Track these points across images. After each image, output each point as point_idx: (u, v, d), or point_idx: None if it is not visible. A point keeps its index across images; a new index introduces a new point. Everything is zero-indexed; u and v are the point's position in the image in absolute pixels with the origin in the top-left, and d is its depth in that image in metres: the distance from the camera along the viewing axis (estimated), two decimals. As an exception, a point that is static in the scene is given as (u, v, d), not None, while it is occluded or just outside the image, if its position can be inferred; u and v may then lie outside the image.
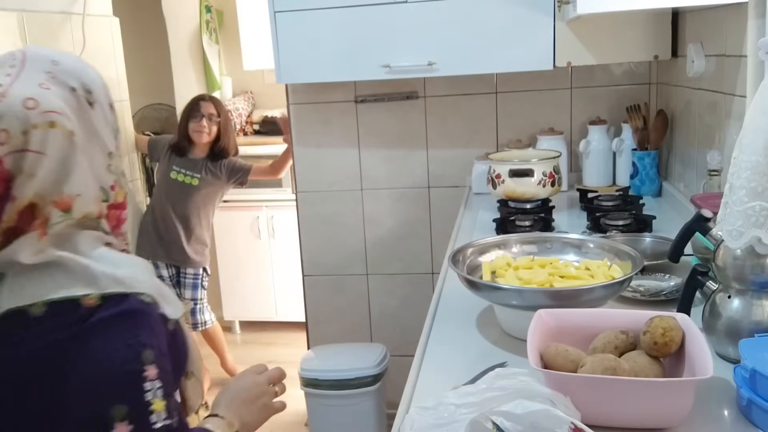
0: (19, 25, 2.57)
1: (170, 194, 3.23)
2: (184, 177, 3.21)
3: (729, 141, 1.69)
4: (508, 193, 2.16)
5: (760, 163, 1.01)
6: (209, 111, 3.16)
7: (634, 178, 2.37)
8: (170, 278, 3.32)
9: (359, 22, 2.28)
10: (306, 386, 2.58)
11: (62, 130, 0.86)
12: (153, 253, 3.24)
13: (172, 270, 3.31)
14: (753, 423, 0.95)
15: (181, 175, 3.21)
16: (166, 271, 3.31)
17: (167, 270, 3.31)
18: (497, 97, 2.69)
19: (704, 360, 0.94)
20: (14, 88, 0.85)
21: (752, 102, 1.04)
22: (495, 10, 2.21)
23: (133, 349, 0.83)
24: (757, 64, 1.49)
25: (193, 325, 3.40)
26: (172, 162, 3.22)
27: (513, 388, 0.92)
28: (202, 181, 3.21)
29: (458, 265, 1.40)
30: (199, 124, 3.14)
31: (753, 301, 1.10)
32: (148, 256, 3.25)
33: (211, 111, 3.16)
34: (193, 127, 3.15)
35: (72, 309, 0.83)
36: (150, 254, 3.25)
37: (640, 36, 2.22)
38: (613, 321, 1.10)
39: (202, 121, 3.13)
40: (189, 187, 3.21)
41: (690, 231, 1.24)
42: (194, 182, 3.21)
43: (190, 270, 3.35)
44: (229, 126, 3.30)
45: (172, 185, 3.21)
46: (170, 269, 3.31)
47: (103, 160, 0.93)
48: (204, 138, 3.16)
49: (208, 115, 3.15)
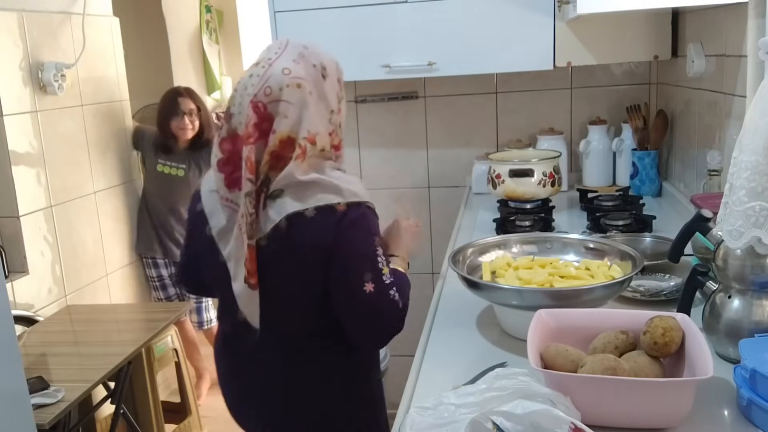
0: (19, 25, 2.57)
1: (159, 188, 3.25)
2: (170, 169, 3.24)
3: (729, 141, 1.69)
4: (508, 193, 2.16)
5: (760, 163, 1.01)
6: (189, 107, 3.16)
7: (634, 178, 2.37)
8: (169, 278, 3.32)
9: (359, 22, 2.28)
10: (306, 386, 2.57)
11: (303, 90, 1.28)
12: (150, 247, 3.26)
13: (172, 269, 3.31)
14: (753, 423, 0.95)
15: (167, 167, 3.23)
16: (166, 270, 3.31)
17: (167, 269, 3.31)
18: (497, 97, 2.69)
19: (704, 360, 0.94)
20: (277, 62, 1.30)
21: (752, 102, 1.04)
22: (495, 10, 2.21)
23: (370, 237, 1.29)
24: (757, 64, 1.49)
25: (198, 323, 3.42)
26: (158, 156, 3.24)
27: (513, 388, 0.92)
28: (188, 172, 3.23)
29: (458, 265, 1.40)
30: (182, 122, 3.14)
31: (753, 301, 1.10)
32: (147, 252, 3.28)
33: (191, 107, 3.16)
34: (177, 126, 3.15)
35: (331, 212, 1.26)
36: (148, 249, 3.27)
37: (640, 36, 2.23)
38: (613, 321, 1.10)
39: (185, 119, 3.14)
40: (176, 179, 3.23)
41: (690, 231, 1.24)
42: (180, 173, 3.23)
43: None
44: (209, 115, 3.32)
45: (160, 178, 3.24)
46: (169, 268, 3.31)
47: (327, 114, 1.33)
48: (189, 134, 3.18)
49: (189, 111, 3.15)
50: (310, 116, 1.28)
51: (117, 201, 3.18)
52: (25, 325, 2.44)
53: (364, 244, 1.27)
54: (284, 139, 1.26)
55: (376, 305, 1.26)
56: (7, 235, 2.56)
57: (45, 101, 2.69)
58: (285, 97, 1.26)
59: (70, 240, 2.83)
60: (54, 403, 1.81)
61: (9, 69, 2.52)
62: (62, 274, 2.77)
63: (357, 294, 1.25)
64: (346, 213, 1.26)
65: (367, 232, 1.28)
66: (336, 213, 1.26)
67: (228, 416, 1.50)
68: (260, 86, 1.28)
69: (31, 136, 2.61)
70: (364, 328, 1.29)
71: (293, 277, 1.29)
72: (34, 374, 1.90)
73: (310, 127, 1.28)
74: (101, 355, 2.14)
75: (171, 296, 3.36)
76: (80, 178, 2.92)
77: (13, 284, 2.50)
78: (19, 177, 2.55)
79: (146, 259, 3.31)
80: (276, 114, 1.27)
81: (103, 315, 2.64)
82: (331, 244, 1.25)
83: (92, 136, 3.00)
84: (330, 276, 1.27)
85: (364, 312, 1.27)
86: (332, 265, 1.26)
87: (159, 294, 3.35)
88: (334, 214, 1.26)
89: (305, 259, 1.27)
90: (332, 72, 1.36)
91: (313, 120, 1.29)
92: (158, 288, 3.34)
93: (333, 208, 1.26)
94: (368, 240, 1.28)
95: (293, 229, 1.26)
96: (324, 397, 1.38)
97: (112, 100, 3.16)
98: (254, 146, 1.26)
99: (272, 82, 1.27)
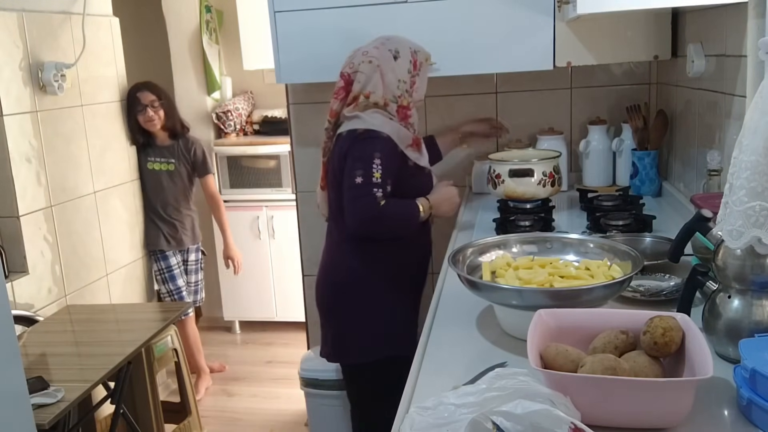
0: (19, 25, 2.57)
1: (155, 185, 3.35)
2: (160, 165, 3.34)
3: (729, 141, 1.69)
4: (508, 193, 2.16)
5: (760, 163, 1.00)
6: (149, 99, 3.23)
7: (634, 178, 2.37)
8: (177, 265, 3.43)
9: (359, 22, 2.28)
10: (306, 386, 2.57)
11: (372, 65, 1.92)
12: (157, 242, 3.37)
13: (179, 257, 3.43)
14: (753, 423, 0.95)
15: (157, 163, 3.34)
16: (174, 259, 3.42)
17: (174, 257, 3.42)
18: (497, 97, 2.69)
19: (704, 360, 0.94)
20: (362, 48, 1.97)
21: (752, 102, 1.04)
22: (495, 10, 2.21)
23: (372, 148, 1.84)
24: (757, 64, 1.49)
25: (194, 301, 3.56)
26: (146, 155, 3.34)
27: (513, 388, 0.92)
28: (178, 164, 3.34)
29: (458, 265, 1.40)
30: (146, 115, 3.22)
31: (753, 301, 1.10)
32: (155, 246, 3.38)
33: (151, 98, 3.23)
34: (144, 120, 3.24)
35: (353, 134, 1.88)
36: (155, 244, 3.37)
37: (640, 36, 2.23)
38: (613, 321, 1.10)
39: (148, 112, 3.22)
40: (167, 174, 3.34)
41: (690, 231, 1.24)
42: (170, 167, 3.34)
43: (192, 256, 3.49)
44: (171, 102, 3.41)
45: (152, 176, 3.34)
46: (176, 256, 3.42)
47: (396, 83, 1.93)
48: (157, 125, 3.27)
49: (150, 103, 3.23)
50: (374, 81, 1.91)
51: (117, 201, 3.18)
52: (25, 325, 2.44)
53: (365, 153, 1.83)
54: (356, 94, 1.93)
55: (357, 193, 1.82)
56: (7, 235, 2.56)
57: (45, 101, 2.69)
58: (360, 69, 1.92)
59: (70, 240, 2.83)
60: (54, 403, 1.81)
61: (9, 69, 2.52)
62: (62, 274, 2.77)
63: (350, 181, 1.83)
64: (361, 134, 1.86)
65: (370, 147, 1.84)
66: (355, 133, 1.87)
67: (228, 416, 1.49)
68: (348, 63, 1.97)
69: (31, 136, 2.61)
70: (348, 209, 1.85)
71: (334, 179, 1.94)
72: (34, 374, 1.90)
73: (370, 88, 1.91)
74: (101, 355, 2.14)
75: (180, 287, 3.43)
76: (80, 178, 2.92)
77: (13, 284, 2.50)
78: (19, 177, 2.55)
79: (154, 254, 3.40)
80: (354, 78, 1.93)
81: (103, 315, 2.64)
82: (347, 151, 1.86)
83: (92, 136, 3.00)
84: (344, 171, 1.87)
85: (349, 195, 1.84)
86: (346, 164, 1.86)
87: (167, 286, 3.41)
88: (354, 134, 1.87)
89: (338, 164, 1.90)
90: (405, 56, 1.95)
91: (377, 84, 1.91)
92: (166, 280, 3.41)
93: (355, 131, 1.87)
94: (369, 151, 1.83)
95: (338, 142, 1.92)
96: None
97: (112, 100, 3.17)
98: (338, 101, 1.96)
99: (355, 59, 1.95)
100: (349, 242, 1.98)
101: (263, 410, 3.34)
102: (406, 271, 2.05)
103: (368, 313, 2.00)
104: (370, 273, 1.99)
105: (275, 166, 4.04)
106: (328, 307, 2.07)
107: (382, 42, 1.95)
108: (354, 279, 2.00)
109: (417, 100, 2.00)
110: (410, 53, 1.95)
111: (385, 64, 1.91)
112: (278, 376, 3.71)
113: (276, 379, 3.69)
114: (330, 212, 2.04)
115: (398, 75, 1.93)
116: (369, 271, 1.99)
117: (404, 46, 1.95)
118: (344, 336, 2.05)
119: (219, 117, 4.16)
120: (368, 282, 1.99)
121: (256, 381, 3.69)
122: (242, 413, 3.29)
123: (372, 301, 2.00)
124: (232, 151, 4.08)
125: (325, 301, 2.07)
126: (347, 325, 2.04)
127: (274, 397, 3.48)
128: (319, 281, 2.10)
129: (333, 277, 2.05)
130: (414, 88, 1.97)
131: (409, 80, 1.95)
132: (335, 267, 2.05)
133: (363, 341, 2.01)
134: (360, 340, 2.02)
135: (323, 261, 2.10)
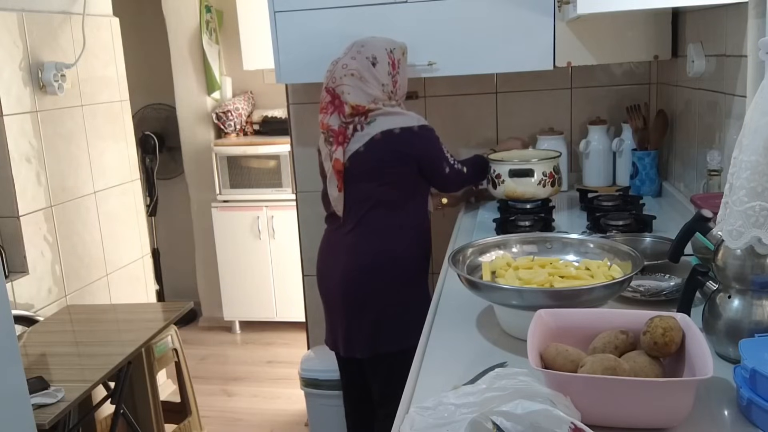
0: (19, 25, 2.57)
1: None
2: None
3: (729, 141, 1.69)
4: (508, 193, 2.16)
5: (760, 163, 1.00)
6: None
7: (634, 178, 2.37)
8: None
9: (359, 22, 2.27)
10: (306, 386, 2.58)
11: (353, 76, 1.98)
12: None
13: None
14: (753, 423, 0.95)
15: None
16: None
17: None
18: (497, 97, 2.69)
19: (704, 360, 0.94)
20: (341, 60, 2.02)
21: (752, 102, 1.04)
22: (495, 10, 2.21)
23: (435, 138, 2.04)
24: (757, 64, 1.49)
25: None
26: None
27: (513, 388, 0.92)
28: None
29: (458, 265, 1.40)
30: None
31: (753, 301, 1.10)
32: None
33: None
34: None
35: (409, 131, 1.99)
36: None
37: (640, 36, 2.23)
38: (613, 321, 1.10)
39: None
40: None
41: (690, 231, 1.24)
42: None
43: None
44: None
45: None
46: None
47: (380, 87, 2.00)
48: None
49: None
50: (360, 92, 1.98)
51: (117, 201, 3.18)
52: (25, 325, 2.44)
53: (433, 141, 2.04)
54: (354, 105, 1.98)
55: (455, 179, 2.14)
56: (7, 235, 2.56)
57: (45, 101, 2.69)
58: (344, 82, 1.98)
59: (70, 240, 2.83)
60: (54, 403, 1.81)
61: (9, 69, 2.52)
62: (62, 274, 2.77)
63: (440, 173, 2.09)
64: (418, 130, 2.01)
65: (433, 137, 2.04)
66: (412, 130, 2.01)
67: (228, 416, 1.49)
68: (329, 77, 2.03)
69: (31, 136, 2.61)
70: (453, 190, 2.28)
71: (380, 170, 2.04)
72: (34, 374, 1.90)
73: (358, 100, 1.98)
74: (101, 355, 2.14)
75: None
76: (80, 178, 2.92)
77: (13, 284, 2.50)
78: (19, 177, 2.55)
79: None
80: (341, 93, 1.98)
81: (103, 315, 2.64)
82: (407, 147, 2.00)
83: (92, 136, 3.00)
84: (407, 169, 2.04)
85: (448, 183, 2.17)
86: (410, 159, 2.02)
87: None
88: (411, 131, 2.01)
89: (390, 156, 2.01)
90: (382, 59, 2.01)
91: (363, 94, 1.98)
92: None
93: (411, 128, 2.00)
94: (434, 140, 2.05)
95: (387, 140, 1.98)
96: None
97: (112, 100, 3.16)
98: (328, 114, 2.01)
99: (336, 74, 2.00)
100: (394, 230, 2.05)
101: (263, 410, 3.34)
102: (427, 260, 2.18)
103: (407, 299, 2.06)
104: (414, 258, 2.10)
105: (275, 166, 4.04)
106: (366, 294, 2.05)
107: (358, 50, 2.01)
108: (400, 264, 2.06)
109: (401, 96, 2.09)
110: (387, 54, 2.02)
111: (366, 73, 1.98)
112: (278, 376, 3.71)
113: (276, 379, 3.69)
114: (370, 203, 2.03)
115: (381, 80, 2.01)
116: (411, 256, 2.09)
117: (379, 48, 2.02)
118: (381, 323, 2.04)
119: (219, 117, 4.16)
120: (413, 266, 2.10)
121: (256, 381, 3.69)
122: (242, 413, 3.29)
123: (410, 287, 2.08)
124: (232, 151, 4.08)
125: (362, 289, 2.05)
126: (388, 312, 2.04)
127: (274, 397, 3.48)
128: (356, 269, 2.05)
129: (381, 262, 2.05)
130: (397, 87, 2.06)
131: (390, 81, 2.03)
132: (383, 254, 2.05)
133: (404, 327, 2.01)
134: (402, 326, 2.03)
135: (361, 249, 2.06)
